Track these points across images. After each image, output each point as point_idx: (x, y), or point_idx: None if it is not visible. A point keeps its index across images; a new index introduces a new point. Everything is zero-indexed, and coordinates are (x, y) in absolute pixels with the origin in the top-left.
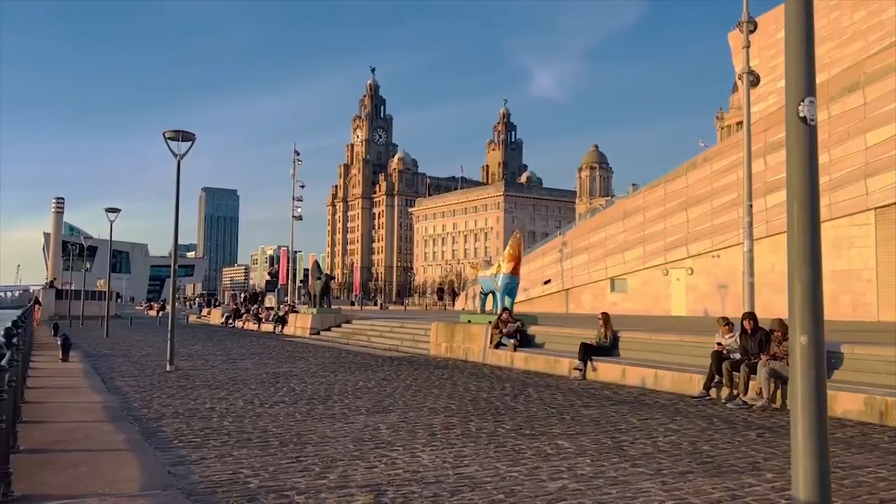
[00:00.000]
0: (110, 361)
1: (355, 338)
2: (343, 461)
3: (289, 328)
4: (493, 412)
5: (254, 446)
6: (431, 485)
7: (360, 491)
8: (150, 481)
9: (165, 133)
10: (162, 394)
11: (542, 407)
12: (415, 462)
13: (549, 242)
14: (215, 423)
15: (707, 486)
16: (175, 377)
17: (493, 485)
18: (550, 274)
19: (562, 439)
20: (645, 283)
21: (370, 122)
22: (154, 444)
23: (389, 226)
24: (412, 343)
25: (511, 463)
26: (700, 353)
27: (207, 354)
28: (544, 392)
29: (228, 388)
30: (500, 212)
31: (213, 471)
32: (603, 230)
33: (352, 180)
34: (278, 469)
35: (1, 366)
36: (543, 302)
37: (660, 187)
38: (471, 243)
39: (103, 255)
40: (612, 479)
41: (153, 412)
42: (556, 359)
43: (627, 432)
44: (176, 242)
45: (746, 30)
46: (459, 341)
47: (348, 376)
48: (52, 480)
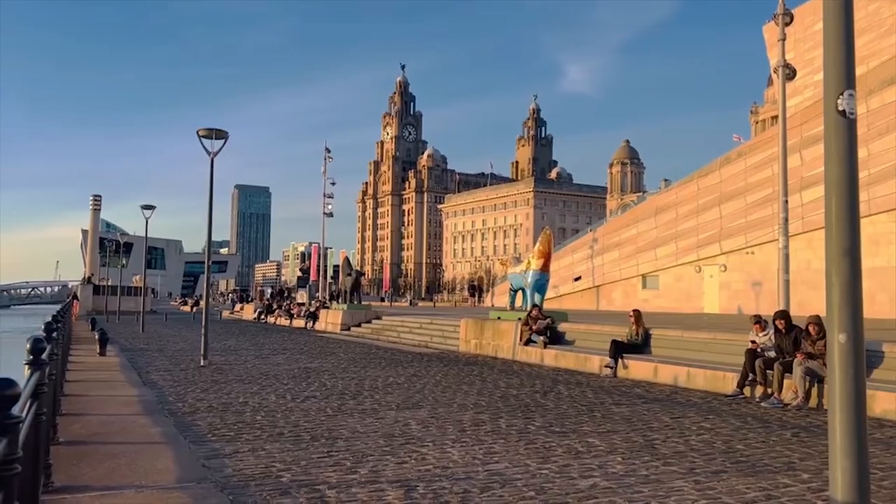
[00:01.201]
0: (146, 356)
1: (385, 334)
2: (373, 456)
3: (320, 324)
4: (522, 409)
5: (286, 441)
6: (461, 481)
7: (391, 486)
8: (185, 474)
9: (199, 131)
10: (196, 388)
11: (572, 404)
12: (445, 458)
13: (579, 239)
14: (248, 418)
15: (741, 485)
16: (209, 372)
17: (523, 482)
18: (581, 271)
19: (592, 437)
20: (677, 280)
21: (400, 118)
22: (189, 437)
23: (419, 222)
24: (441, 339)
25: (541, 460)
26: (734, 351)
27: (240, 349)
28: (575, 389)
29: (261, 382)
30: (529, 208)
31: (246, 464)
32: (634, 226)
33: (382, 177)
34: (310, 463)
35: (42, 360)
36: (573, 299)
37: (692, 183)
38: (500, 240)
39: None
40: (644, 477)
41: (188, 406)
42: (587, 356)
43: (659, 430)
44: (210, 239)
45: (782, 22)
46: (489, 338)
47: (378, 372)
48: (91, 472)
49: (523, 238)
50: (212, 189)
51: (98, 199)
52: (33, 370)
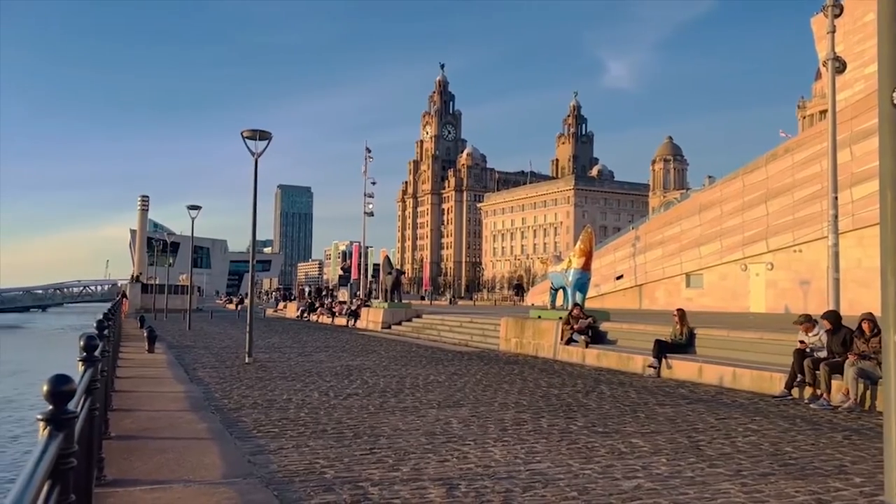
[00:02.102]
0: (192, 353)
1: (425, 332)
2: (415, 454)
3: (361, 322)
4: (564, 409)
5: (329, 437)
6: (503, 480)
7: (433, 484)
8: (231, 469)
9: (243, 133)
10: (241, 385)
11: (615, 404)
12: (486, 457)
13: (621, 237)
14: (292, 414)
15: (790, 489)
16: (253, 369)
17: (565, 482)
18: (623, 269)
19: (636, 438)
20: (722, 278)
21: (439, 117)
22: (234, 433)
23: (458, 221)
24: (482, 338)
25: (584, 460)
26: (781, 351)
27: (284, 347)
28: (617, 389)
29: (304, 380)
30: (570, 206)
31: (290, 460)
32: (678, 224)
33: (421, 176)
34: (353, 460)
35: (94, 357)
36: (615, 298)
37: (738, 179)
38: (540, 238)
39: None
40: (689, 479)
41: (233, 402)
42: (630, 356)
43: (705, 432)
44: (254, 239)
45: (831, 14)
46: (529, 337)
47: (419, 370)
48: (141, 466)
49: (563, 236)
50: (256, 189)
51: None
52: (86, 367)
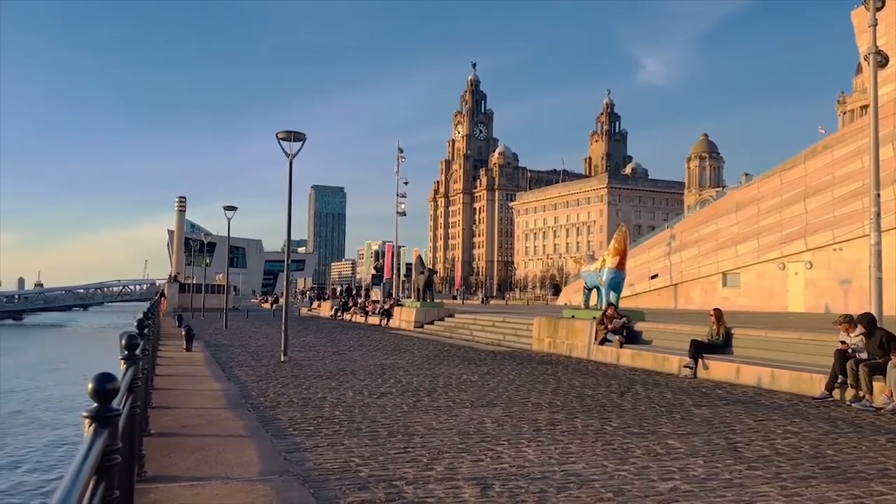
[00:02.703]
0: (229, 351)
1: (458, 331)
2: (449, 453)
3: (394, 321)
4: (599, 409)
5: (363, 436)
6: (538, 480)
7: (467, 483)
8: (268, 467)
9: (278, 134)
10: (277, 383)
11: (650, 405)
12: (520, 457)
13: (655, 236)
14: (327, 413)
15: (831, 492)
16: (289, 367)
17: (600, 483)
18: (658, 268)
19: (672, 439)
20: (759, 277)
21: (471, 117)
22: (271, 431)
23: (490, 220)
24: (514, 338)
25: (619, 461)
26: (822, 351)
27: (318, 346)
28: (653, 390)
29: (338, 378)
30: (603, 204)
31: (325, 458)
32: (714, 223)
33: (453, 175)
34: (387, 459)
35: (135, 355)
36: (650, 297)
37: (775, 177)
38: (573, 237)
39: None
40: (727, 481)
41: (269, 400)
42: (665, 356)
43: (742, 433)
44: (289, 239)
45: (873, 7)
46: (563, 337)
47: (452, 369)
48: (180, 463)
49: (597, 235)
50: (290, 190)
51: (183, 201)
52: (128, 365)
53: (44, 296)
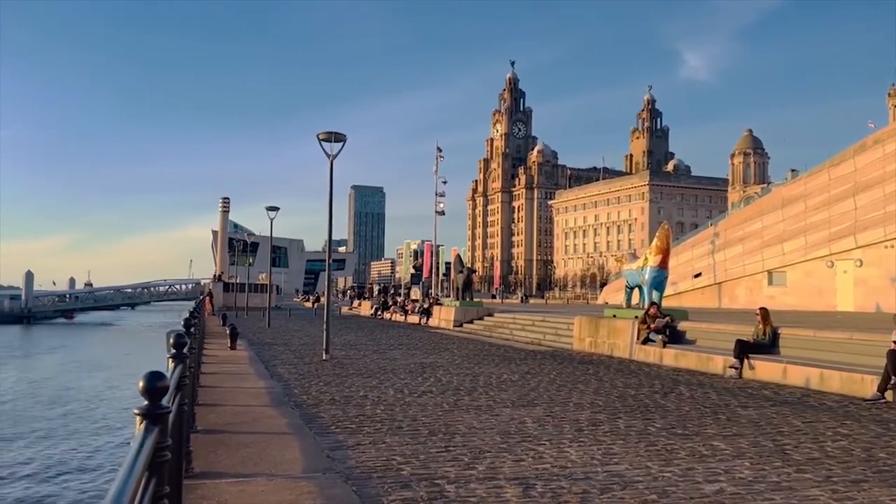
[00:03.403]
0: (272, 350)
1: (497, 331)
2: (490, 453)
3: (433, 320)
4: (641, 410)
5: (405, 434)
6: (580, 481)
7: (509, 483)
8: (311, 464)
9: (319, 135)
10: (319, 381)
11: (694, 406)
12: (562, 457)
13: (699, 233)
14: (368, 411)
15: (885, 496)
16: (330, 366)
17: (644, 484)
18: (701, 267)
19: (717, 440)
20: (807, 275)
21: (509, 115)
22: (314, 428)
23: (529, 219)
24: (555, 337)
25: (663, 463)
26: (873, 352)
27: (359, 344)
28: (697, 390)
29: (379, 377)
30: (644, 202)
31: (367, 456)
32: (759, 220)
33: (491, 174)
34: (428, 458)
35: (183, 353)
36: (693, 296)
37: (823, 173)
38: (613, 235)
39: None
40: (775, 484)
41: (312, 398)
42: (709, 356)
43: (790, 435)
44: (330, 239)
45: None
46: (604, 336)
47: (492, 369)
48: (226, 459)
49: (638, 233)
50: (331, 190)
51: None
52: (176, 363)
53: (93, 295)
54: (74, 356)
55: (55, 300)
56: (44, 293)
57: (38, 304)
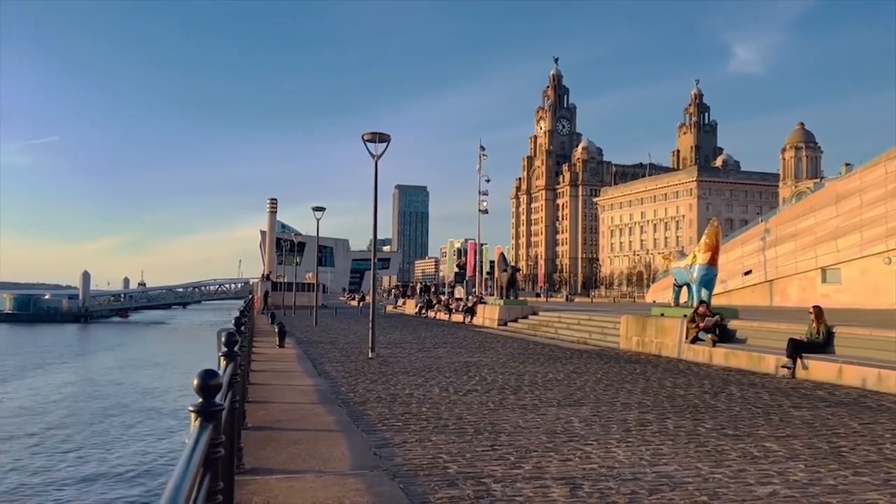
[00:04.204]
0: (319, 348)
1: (542, 329)
2: (537, 452)
3: (477, 319)
4: (691, 410)
5: (450, 433)
6: (628, 482)
7: (556, 483)
8: (359, 461)
9: (364, 136)
10: (365, 379)
11: (745, 406)
12: (610, 457)
13: (749, 230)
14: (414, 409)
15: None
16: (376, 364)
17: (694, 486)
18: (751, 264)
19: (770, 441)
20: (863, 273)
21: (553, 112)
22: (361, 426)
23: (573, 216)
24: (601, 336)
25: (714, 464)
26: None
27: (404, 343)
28: (748, 390)
29: (424, 375)
30: (692, 198)
31: (414, 454)
32: (812, 216)
33: (535, 172)
34: (474, 456)
35: (234, 352)
36: (743, 294)
37: (880, 167)
38: (661, 232)
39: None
40: (831, 487)
41: (358, 396)
42: (761, 355)
43: (847, 437)
44: (375, 239)
45: None
46: (651, 335)
47: (537, 367)
48: (276, 456)
49: (686, 230)
50: (376, 190)
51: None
52: (228, 361)
53: (147, 295)
54: (129, 354)
55: (110, 300)
56: (99, 293)
57: (94, 303)
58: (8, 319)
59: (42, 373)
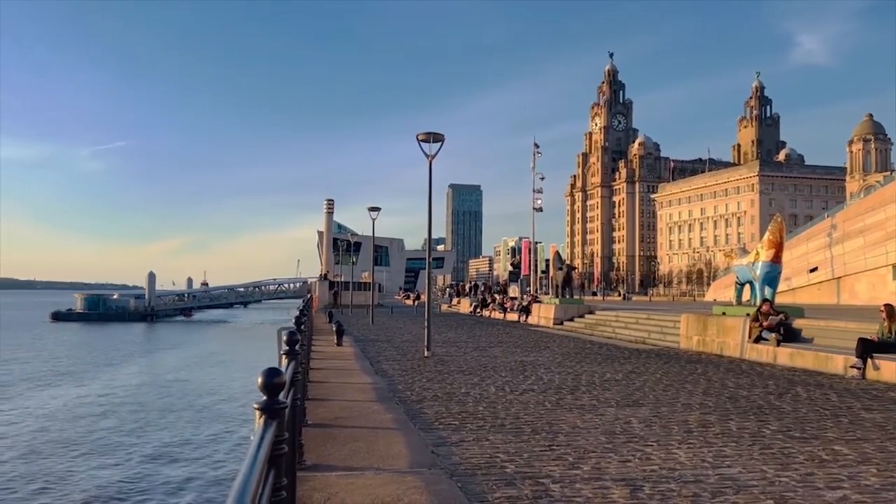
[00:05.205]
0: (376, 346)
1: (599, 329)
2: (595, 453)
3: (532, 318)
4: (755, 411)
5: (507, 432)
6: (690, 484)
7: (615, 484)
8: (417, 459)
9: (418, 136)
10: (422, 377)
11: (812, 408)
12: (671, 459)
13: (814, 226)
14: (470, 408)
15: None
16: (432, 362)
17: (759, 489)
18: (817, 261)
19: (839, 444)
20: None
21: (608, 108)
22: (418, 424)
23: (630, 213)
24: (660, 335)
25: (780, 467)
26: None
27: (459, 342)
28: (815, 392)
29: (480, 374)
30: (754, 194)
31: (471, 453)
32: (882, 210)
33: (590, 169)
34: (532, 456)
35: (296, 350)
36: (809, 292)
37: None
38: (721, 229)
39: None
40: None
41: (415, 395)
42: (828, 355)
43: None
44: (430, 238)
45: None
46: (713, 335)
47: (594, 367)
48: (335, 453)
49: (748, 227)
50: (430, 189)
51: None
52: (290, 360)
53: (209, 294)
54: (193, 352)
55: (175, 299)
56: (164, 293)
57: (159, 303)
58: (80, 319)
59: (113, 370)
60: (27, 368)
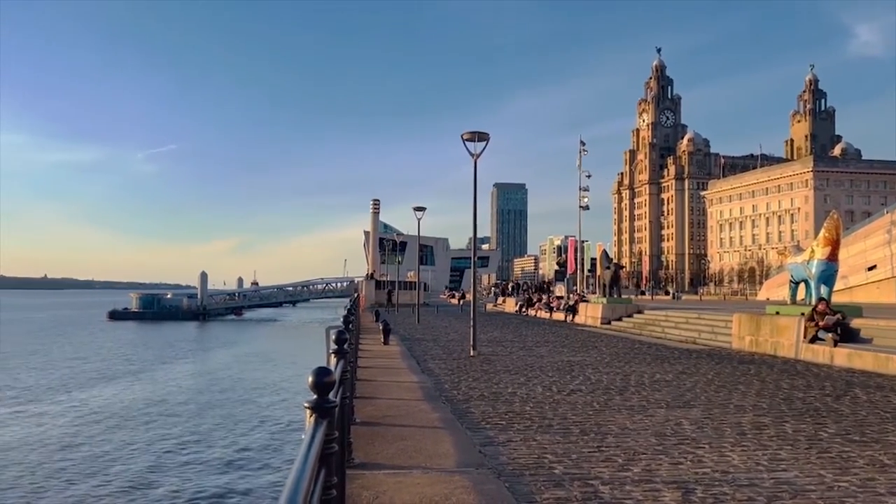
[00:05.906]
0: (422, 345)
1: (648, 328)
2: (646, 455)
3: (579, 317)
4: (811, 413)
5: (555, 433)
6: (744, 487)
7: (666, 487)
8: (464, 459)
9: (464, 135)
10: (468, 377)
11: (872, 410)
12: (724, 462)
13: (872, 222)
14: (517, 408)
15: None
16: (478, 362)
17: (817, 494)
18: (876, 259)
19: None
20: None
21: (656, 104)
22: (465, 424)
23: (679, 211)
24: (711, 335)
25: (838, 471)
26: None
27: (505, 341)
28: (875, 394)
29: (527, 374)
30: (808, 190)
31: (519, 454)
32: None
33: (638, 166)
34: (580, 457)
35: (344, 349)
36: (867, 291)
37: None
38: (774, 226)
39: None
40: None
41: (462, 394)
42: (888, 356)
43: None
44: (475, 238)
45: None
46: (766, 335)
47: (644, 368)
48: (383, 451)
49: (801, 224)
50: (476, 189)
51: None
52: (338, 358)
53: (259, 294)
54: (244, 350)
55: (226, 298)
56: (216, 292)
57: (211, 302)
58: (135, 317)
59: (168, 367)
60: (89, 367)
